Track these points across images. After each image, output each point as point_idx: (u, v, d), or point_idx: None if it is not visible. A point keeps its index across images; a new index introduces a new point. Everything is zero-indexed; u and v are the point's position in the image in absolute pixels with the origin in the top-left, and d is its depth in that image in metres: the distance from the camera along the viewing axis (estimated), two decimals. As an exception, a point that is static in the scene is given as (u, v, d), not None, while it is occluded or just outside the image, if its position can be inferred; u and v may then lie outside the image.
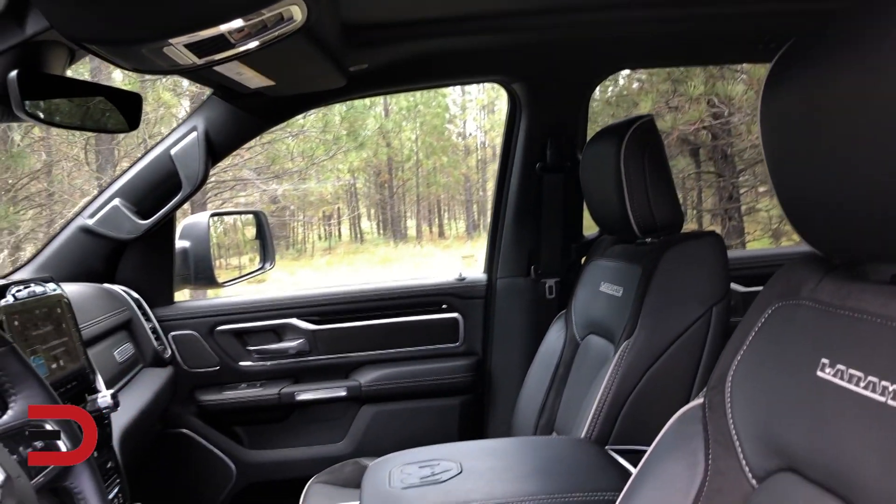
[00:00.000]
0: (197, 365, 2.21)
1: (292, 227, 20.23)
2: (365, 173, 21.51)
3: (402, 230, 22.91)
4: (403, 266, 15.59)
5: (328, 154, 11.53)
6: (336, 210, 22.69)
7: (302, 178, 15.07)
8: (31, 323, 1.25)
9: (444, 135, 22.00)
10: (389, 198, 23.04)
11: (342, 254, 19.70)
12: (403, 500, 1.22)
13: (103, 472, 1.36)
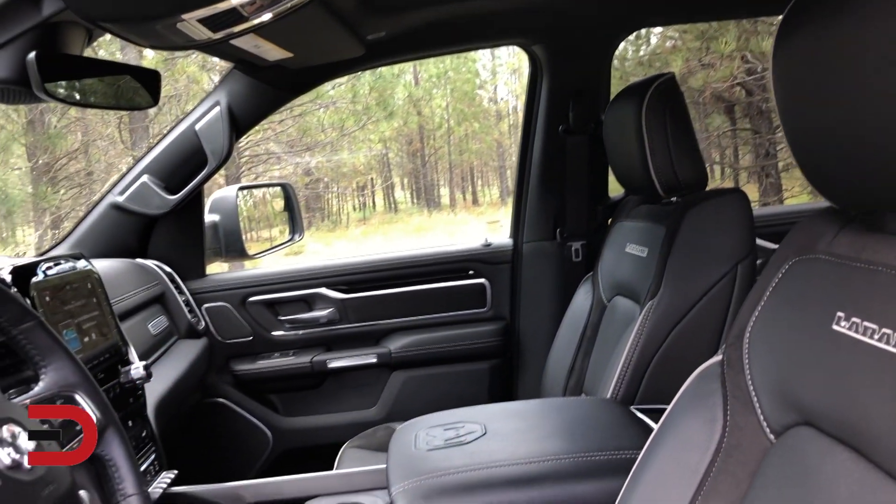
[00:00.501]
0: (231, 336, 2.25)
1: (327, 199, 20.37)
2: (397, 143, 21.50)
3: (436, 199, 22.90)
4: (437, 234, 15.61)
5: (358, 125, 11.54)
6: (369, 180, 22.76)
7: (334, 149, 15.13)
8: (62, 298, 1.28)
9: (475, 101, 21.83)
10: (422, 166, 23.02)
11: (377, 224, 19.79)
12: (428, 461, 1.25)
13: (138, 441, 1.41)
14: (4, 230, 8.86)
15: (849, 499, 0.70)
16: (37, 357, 0.93)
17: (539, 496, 1.15)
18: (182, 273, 2.18)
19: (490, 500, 1.15)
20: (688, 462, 0.91)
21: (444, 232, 15.68)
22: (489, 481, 1.17)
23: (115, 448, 0.96)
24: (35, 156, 8.28)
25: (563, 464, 1.19)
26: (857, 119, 0.71)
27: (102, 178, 9.40)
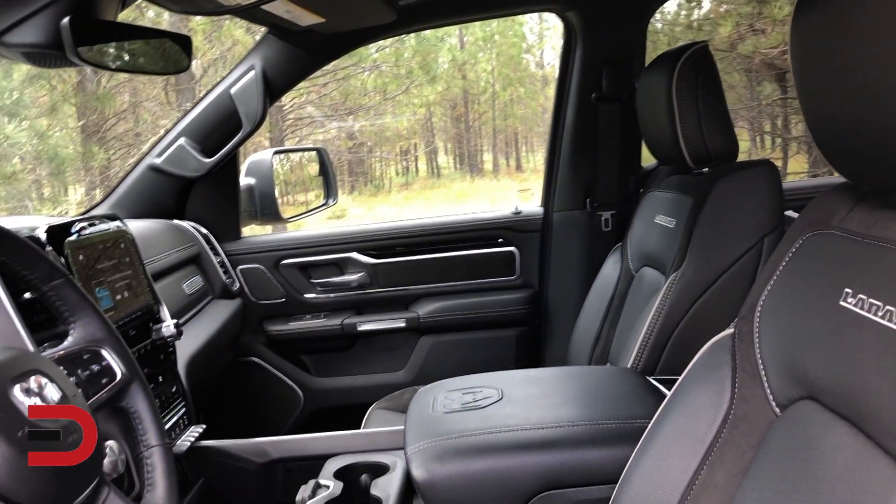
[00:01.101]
0: (264, 297, 2.31)
1: (369, 164, 20.43)
2: (441, 107, 21.39)
3: (479, 164, 22.80)
4: (479, 201, 15.57)
5: (401, 88, 11.52)
6: (412, 145, 22.75)
7: (377, 113, 15.15)
8: (96, 257, 1.33)
9: (521, 65, 21.56)
10: (465, 131, 22.90)
11: (419, 189, 19.79)
12: (444, 423, 1.28)
13: (168, 397, 1.46)
14: (55, 188, 9.09)
15: (844, 472, 0.71)
16: (66, 313, 0.98)
17: (549, 460, 1.17)
18: (218, 234, 2.23)
19: (501, 462, 1.17)
20: (695, 432, 0.93)
21: (486, 198, 15.63)
22: (501, 444, 1.19)
23: (140, 401, 1.01)
24: (84, 116, 8.46)
25: (574, 430, 1.21)
26: (872, 96, 0.70)
27: (149, 138, 9.57)
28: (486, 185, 18.67)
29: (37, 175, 8.22)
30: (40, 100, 8.10)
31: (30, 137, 6.93)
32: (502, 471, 1.17)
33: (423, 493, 1.18)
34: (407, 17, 1.91)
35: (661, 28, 8.50)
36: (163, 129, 8.89)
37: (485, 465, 1.17)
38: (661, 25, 8.62)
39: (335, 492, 1.37)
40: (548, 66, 23.71)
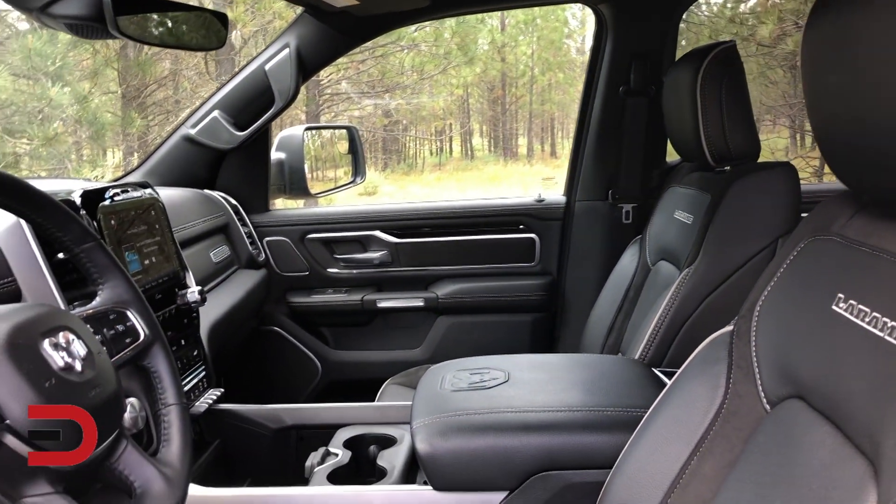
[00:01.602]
0: (288, 269, 2.37)
1: (404, 142, 20.48)
2: (478, 88, 21.33)
3: (513, 148, 22.74)
4: (511, 185, 15.54)
5: (439, 69, 11.52)
6: (447, 125, 22.73)
7: (414, 92, 15.17)
8: (127, 223, 1.39)
9: (562, 50, 21.41)
10: (502, 114, 22.84)
11: (451, 170, 19.81)
12: (450, 401, 1.32)
13: (189, 360, 1.53)
14: (94, 151, 9.26)
15: (821, 468, 0.74)
16: (95, 274, 1.03)
17: (549, 442, 1.21)
18: (246, 206, 2.29)
19: (502, 441, 1.22)
20: (689, 423, 0.96)
21: (518, 183, 15.59)
22: (503, 424, 1.24)
23: (160, 362, 1.06)
24: (125, 81, 8.58)
25: (575, 415, 1.24)
26: (875, 105, 0.72)
27: (188, 106, 9.70)
28: (520, 170, 18.62)
29: (77, 137, 8.38)
30: (83, 63, 8.24)
31: (72, 101, 7.06)
32: (502, 449, 1.21)
33: (425, 466, 1.23)
34: (440, 2, 1.94)
35: (703, 20, 8.40)
36: (200, 98, 8.99)
37: (486, 443, 1.22)
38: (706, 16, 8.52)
39: (343, 460, 1.43)
40: (588, 53, 23.48)
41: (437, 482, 1.23)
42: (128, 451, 0.92)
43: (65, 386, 0.81)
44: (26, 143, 7.28)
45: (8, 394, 0.76)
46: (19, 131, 7.01)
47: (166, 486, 0.93)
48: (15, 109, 6.98)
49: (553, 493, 1.20)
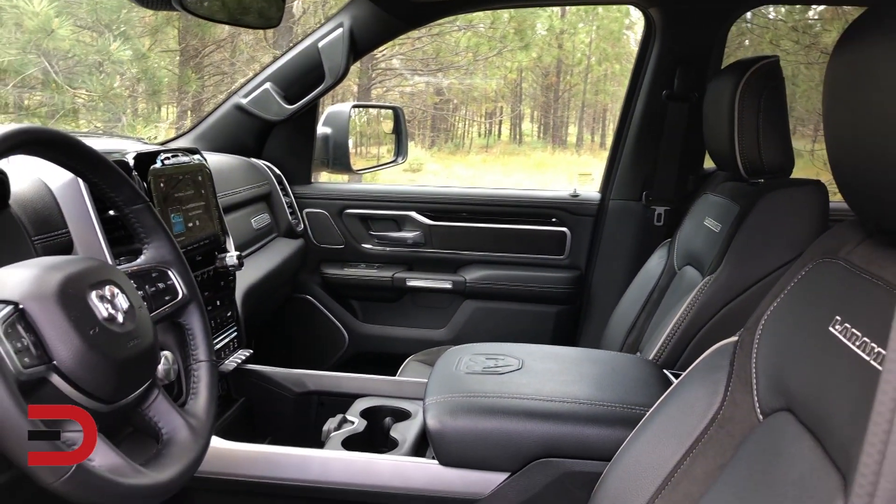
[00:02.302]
0: (325, 241, 2.45)
1: (453, 121, 20.47)
2: (532, 73, 21.17)
3: (563, 136, 22.55)
4: (556, 174, 15.46)
5: (493, 52, 11.47)
6: (498, 108, 22.65)
7: (468, 72, 15.13)
8: (174, 186, 1.47)
9: (620, 41, 21.10)
10: (554, 101, 22.65)
11: (498, 154, 19.74)
12: (462, 382, 1.38)
13: (223, 320, 1.61)
14: (150, 107, 9.46)
15: (799, 479, 0.79)
16: (142, 234, 1.11)
17: (551, 430, 1.27)
18: (290, 177, 2.37)
19: (507, 425, 1.27)
20: (686, 425, 1.01)
21: (563, 172, 15.49)
22: (510, 409, 1.29)
23: (195, 320, 1.14)
24: (185, 40, 8.74)
25: (579, 407, 1.30)
26: (885, 136, 0.76)
27: (243, 70, 9.84)
28: (566, 159, 18.48)
29: (134, 93, 8.57)
30: (145, 19, 8.39)
31: (131, 57, 7.22)
32: (507, 433, 1.27)
33: (433, 441, 1.30)
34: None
35: (764, 24, 8.25)
36: (257, 62, 9.10)
37: (492, 425, 1.28)
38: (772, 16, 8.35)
39: (358, 428, 1.50)
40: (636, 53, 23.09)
41: (443, 457, 1.30)
42: (158, 399, 1.00)
43: (106, 335, 0.89)
44: (84, 94, 7.48)
45: (56, 337, 0.84)
46: (79, 82, 7.20)
47: (191, 435, 1.01)
48: (77, 61, 7.17)
49: (552, 479, 1.26)
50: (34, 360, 0.82)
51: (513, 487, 1.27)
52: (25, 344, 0.82)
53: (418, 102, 16.47)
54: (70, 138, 0.99)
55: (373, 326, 2.49)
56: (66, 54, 6.96)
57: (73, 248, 1.26)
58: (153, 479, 0.89)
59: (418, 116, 17.83)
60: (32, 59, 6.70)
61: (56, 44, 6.44)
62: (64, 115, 7.35)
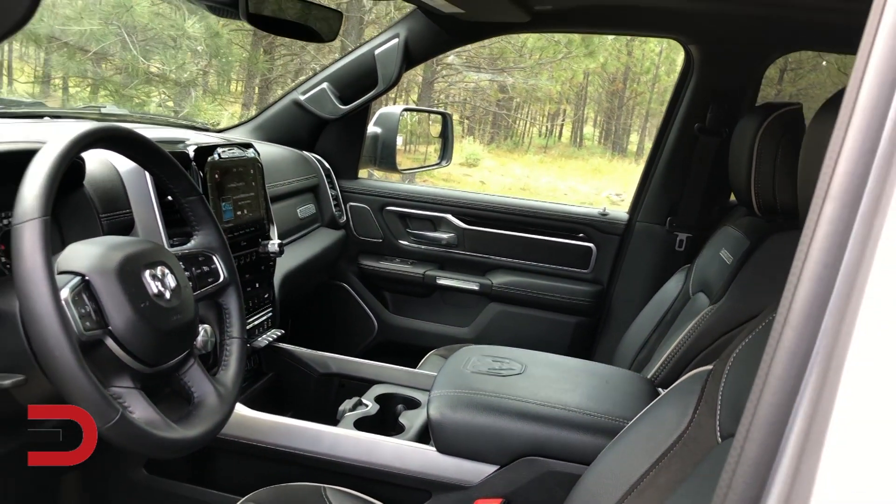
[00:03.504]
0: (365, 234, 2.60)
1: (514, 119, 20.51)
2: (599, 77, 21.05)
3: (623, 144, 22.39)
4: (612, 181, 15.39)
5: (557, 56, 11.52)
6: (561, 110, 22.60)
7: (533, 73, 15.17)
8: (228, 177, 1.64)
9: (691, 54, 20.80)
10: (618, 108, 22.50)
11: (556, 155, 19.71)
12: (467, 380, 1.52)
13: (260, 301, 1.77)
14: (219, 83, 9.78)
15: None
16: (194, 222, 1.28)
17: (539, 432, 1.39)
18: (337, 171, 2.53)
19: (500, 423, 1.41)
20: (656, 440, 1.13)
21: (619, 181, 15.41)
22: (504, 409, 1.42)
23: (233, 302, 1.30)
24: (259, 21, 8.99)
25: (567, 414, 1.42)
26: None
27: (312, 54, 10.09)
28: (624, 168, 18.34)
29: (205, 68, 8.87)
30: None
31: (205, 34, 7.50)
32: (500, 430, 1.40)
33: (433, 430, 1.44)
34: (540, 20, 2.10)
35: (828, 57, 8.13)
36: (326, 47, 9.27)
37: (486, 421, 1.41)
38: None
39: (371, 411, 1.65)
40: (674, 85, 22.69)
41: (440, 446, 1.44)
42: (194, 367, 1.16)
43: (155, 309, 1.05)
44: (158, 66, 7.80)
45: (113, 307, 1.00)
46: (154, 55, 7.52)
47: (218, 400, 1.17)
48: (154, 34, 7.49)
49: (535, 475, 1.39)
50: (93, 324, 0.98)
51: (500, 479, 1.40)
52: (88, 310, 0.98)
53: (480, 97, 16.55)
54: (140, 137, 1.16)
55: (401, 318, 2.64)
56: (144, 27, 7.28)
57: (134, 226, 1.43)
58: (182, 435, 1.05)
59: (479, 111, 17.93)
60: (113, 29, 7.02)
61: (135, 19, 6.74)
62: (138, 83, 7.69)
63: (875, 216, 0.49)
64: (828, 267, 0.53)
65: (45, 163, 0.96)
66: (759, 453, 0.55)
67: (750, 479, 0.55)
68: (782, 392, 0.55)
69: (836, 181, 0.51)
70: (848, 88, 0.52)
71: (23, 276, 0.89)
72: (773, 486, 0.53)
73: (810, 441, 0.50)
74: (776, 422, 0.55)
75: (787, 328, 0.56)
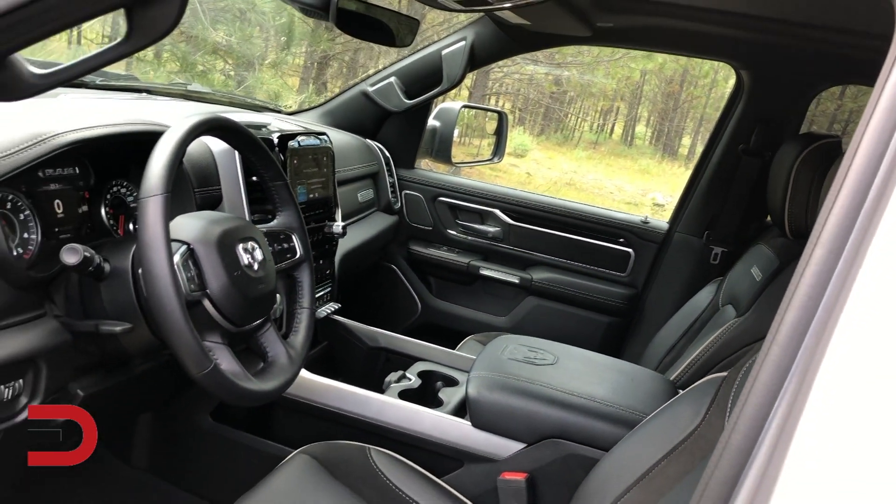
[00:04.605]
0: (416, 221, 2.77)
1: (566, 113, 20.45)
2: (656, 77, 20.85)
3: (675, 147, 22.16)
4: (659, 184, 15.28)
5: (615, 55, 11.52)
6: (615, 107, 22.46)
7: (589, 68, 15.13)
8: (304, 163, 1.81)
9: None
10: (672, 110, 22.27)
11: (605, 153, 19.59)
12: (503, 365, 1.67)
13: (322, 276, 1.95)
14: (280, 57, 9.99)
15: None
16: (278, 203, 1.45)
17: (565, 418, 1.54)
18: (396, 160, 2.69)
19: (530, 406, 1.56)
20: (669, 434, 1.27)
21: (665, 184, 15.31)
22: (535, 394, 1.58)
23: (305, 276, 1.47)
24: (325, 0, 9.16)
25: (592, 404, 1.57)
26: None
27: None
28: (673, 171, 18.15)
29: (269, 43, 9.08)
30: (293, -25, 8.86)
31: (273, 9, 7.71)
32: (529, 412, 1.56)
33: (469, 407, 1.60)
34: (601, 35, 2.23)
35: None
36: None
37: (518, 404, 1.56)
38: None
39: (413, 384, 1.82)
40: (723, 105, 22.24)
41: (475, 421, 1.60)
42: (270, 330, 1.34)
43: (245, 278, 1.23)
44: (224, 35, 8.02)
45: (212, 273, 1.18)
46: (222, 25, 7.75)
47: (289, 361, 1.35)
48: (224, 5, 7.72)
49: (558, 456, 1.54)
50: (196, 287, 1.16)
51: (526, 456, 1.56)
52: (192, 275, 1.16)
53: (535, 87, 16.55)
54: (241, 127, 1.33)
55: (443, 302, 2.81)
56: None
57: (222, 202, 1.60)
58: (259, 387, 1.22)
59: (531, 104, 17.93)
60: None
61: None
62: (204, 52, 7.93)
63: (853, 264, 0.61)
64: (812, 299, 0.65)
65: (168, 147, 1.14)
66: (741, 441, 0.68)
67: (733, 460, 0.68)
68: (765, 395, 0.67)
69: (827, 229, 0.63)
70: (846, 155, 0.64)
71: (146, 242, 1.06)
72: (751, 468, 0.65)
73: (784, 434, 0.63)
74: (758, 417, 0.67)
75: (775, 345, 0.69)
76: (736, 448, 0.66)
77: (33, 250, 1.21)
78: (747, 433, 0.66)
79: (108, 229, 1.41)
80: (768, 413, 0.64)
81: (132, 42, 0.91)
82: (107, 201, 1.42)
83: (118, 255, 1.21)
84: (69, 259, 1.11)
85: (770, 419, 0.64)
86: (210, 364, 1.11)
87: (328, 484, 1.41)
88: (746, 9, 1.90)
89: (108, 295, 1.20)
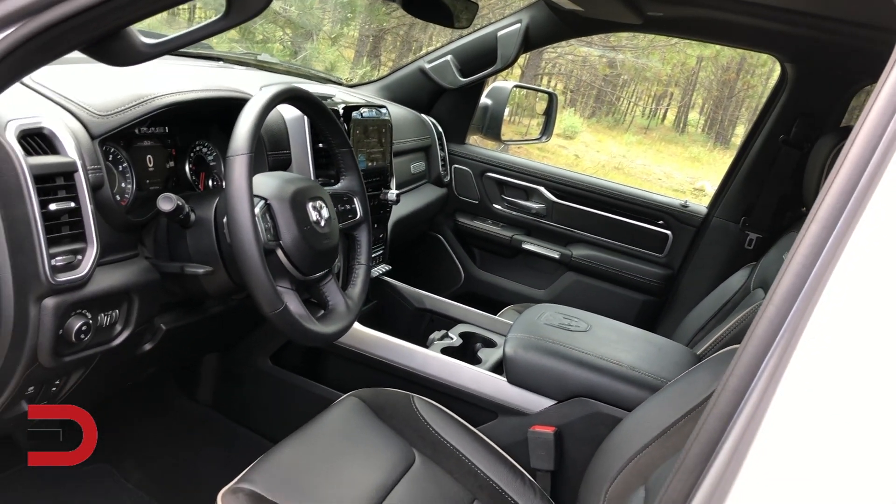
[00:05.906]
0: (464, 194, 2.90)
1: (618, 96, 20.31)
2: (712, 64, 20.54)
3: (728, 136, 21.85)
4: (709, 173, 15.11)
5: (671, 39, 11.43)
6: (668, 93, 22.20)
7: (644, 52, 15.02)
8: (365, 133, 1.96)
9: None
10: (727, 98, 21.94)
11: (656, 139, 19.41)
12: (540, 329, 1.81)
13: (376, 239, 2.10)
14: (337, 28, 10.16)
15: None
16: (342, 168, 1.60)
17: (593, 379, 1.67)
18: (448, 135, 2.83)
19: (561, 367, 1.69)
20: (688, 397, 1.39)
21: (713, 174, 15.12)
22: (566, 356, 1.71)
23: (363, 236, 1.62)
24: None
25: (619, 368, 1.69)
26: None
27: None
28: (724, 161, 17.82)
29: (327, 15, 9.24)
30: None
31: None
32: (561, 372, 1.69)
33: (506, 364, 1.74)
34: (653, 24, 2.32)
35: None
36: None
37: (551, 364, 1.70)
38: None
39: (455, 343, 1.96)
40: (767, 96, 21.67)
41: (511, 377, 1.74)
42: (331, 282, 1.50)
43: (313, 233, 1.38)
44: (283, 5, 8.20)
45: (285, 227, 1.33)
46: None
47: (346, 309, 1.50)
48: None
49: (585, 413, 1.67)
50: (271, 237, 1.32)
51: (555, 412, 1.69)
52: (268, 226, 1.32)
53: (588, 68, 16.46)
54: (314, 98, 1.48)
55: (486, 273, 2.95)
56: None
57: (290, 165, 1.76)
58: (321, 329, 1.38)
59: (583, 86, 17.84)
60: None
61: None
62: (266, 21, 8.12)
63: (843, 239, 0.70)
64: (805, 267, 0.76)
65: (253, 112, 1.29)
66: (737, 383, 0.79)
67: (721, 415, 0.76)
68: (760, 346, 0.77)
69: (823, 207, 0.73)
70: (846, 144, 0.74)
71: (233, 194, 1.22)
72: (745, 405, 0.76)
73: (774, 377, 0.73)
74: (753, 364, 0.77)
75: (771, 304, 0.78)
76: (732, 389, 0.75)
77: (129, 198, 1.38)
78: (743, 375, 0.75)
79: (190, 183, 1.57)
80: (762, 360, 0.73)
81: (231, 18, 1.06)
82: (190, 158, 1.58)
83: (202, 206, 1.37)
84: (165, 206, 1.28)
85: (764, 364, 0.73)
86: (281, 305, 1.27)
87: (375, 424, 1.56)
88: (793, 4, 1.98)
89: (192, 241, 1.37)
